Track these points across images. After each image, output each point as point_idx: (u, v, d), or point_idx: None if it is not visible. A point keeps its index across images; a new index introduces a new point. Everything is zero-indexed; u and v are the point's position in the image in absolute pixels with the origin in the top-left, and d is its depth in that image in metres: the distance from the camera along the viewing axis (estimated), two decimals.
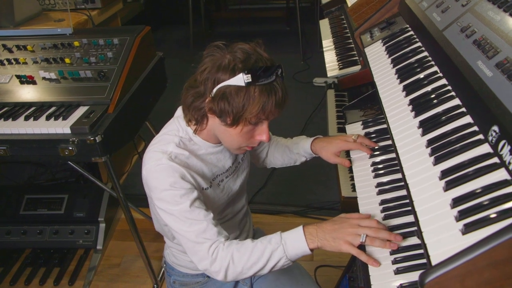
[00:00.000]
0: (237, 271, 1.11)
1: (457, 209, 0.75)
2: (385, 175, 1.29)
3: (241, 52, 1.08)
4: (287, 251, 1.09)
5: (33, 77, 1.80)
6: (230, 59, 1.07)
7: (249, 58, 1.08)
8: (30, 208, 2.47)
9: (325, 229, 1.10)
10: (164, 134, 1.25)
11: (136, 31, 1.97)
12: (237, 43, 1.11)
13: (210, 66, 1.10)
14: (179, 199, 1.12)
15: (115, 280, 2.30)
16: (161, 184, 1.14)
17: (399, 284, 0.99)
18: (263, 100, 1.07)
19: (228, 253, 1.10)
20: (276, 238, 1.12)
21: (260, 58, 1.09)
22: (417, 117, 1.03)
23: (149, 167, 1.17)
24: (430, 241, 0.75)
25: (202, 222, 1.13)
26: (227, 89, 1.07)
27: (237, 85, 1.06)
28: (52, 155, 1.58)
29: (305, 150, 1.49)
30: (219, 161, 1.28)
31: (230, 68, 1.06)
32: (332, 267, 2.21)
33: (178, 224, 1.14)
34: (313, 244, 1.09)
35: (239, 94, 1.06)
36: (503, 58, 0.88)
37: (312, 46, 4.74)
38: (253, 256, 1.10)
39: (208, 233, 1.12)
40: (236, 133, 1.14)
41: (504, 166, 0.75)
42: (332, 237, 1.09)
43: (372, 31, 1.61)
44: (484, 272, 0.64)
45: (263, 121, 1.14)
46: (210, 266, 1.12)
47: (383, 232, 1.06)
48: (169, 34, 5.53)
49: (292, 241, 1.10)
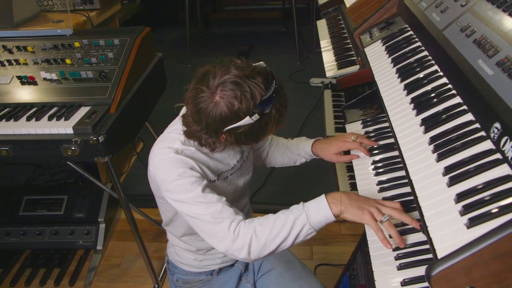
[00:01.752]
0: (260, 244, 1.10)
1: (461, 204, 0.77)
2: (386, 173, 1.31)
3: (231, 90, 1.05)
4: (310, 218, 1.09)
5: (34, 78, 1.81)
6: (226, 103, 1.05)
7: (242, 92, 1.04)
8: (29, 209, 2.46)
9: (351, 196, 1.12)
10: (169, 133, 1.26)
11: (136, 32, 1.98)
12: (218, 74, 1.07)
13: (212, 114, 1.07)
14: (190, 187, 1.13)
15: (116, 280, 2.30)
16: (170, 176, 1.15)
17: (402, 280, 1.01)
18: (276, 119, 1.11)
19: (251, 228, 1.10)
20: (298, 207, 1.13)
21: (253, 87, 1.05)
22: (419, 115, 1.05)
23: (156, 163, 1.18)
24: (435, 235, 0.77)
25: (217, 203, 1.13)
26: (240, 128, 1.08)
27: (247, 124, 1.07)
28: (54, 155, 1.58)
29: (305, 152, 1.51)
30: (224, 158, 1.29)
31: (233, 112, 1.05)
32: (332, 266, 2.23)
33: (193, 209, 1.14)
34: (336, 208, 1.09)
35: (253, 128, 1.09)
36: (503, 57, 0.90)
37: (309, 46, 4.76)
38: (276, 226, 1.09)
39: (225, 212, 1.13)
40: (257, 142, 1.21)
41: (506, 162, 0.77)
42: (357, 205, 1.09)
43: (372, 31, 1.63)
44: (490, 264, 0.66)
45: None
46: (233, 244, 1.10)
47: (405, 216, 1.07)
48: (165, 35, 5.53)
49: (314, 207, 1.11)
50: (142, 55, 1.97)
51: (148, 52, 2.09)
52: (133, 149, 3.03)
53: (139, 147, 3.08)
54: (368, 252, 1.10)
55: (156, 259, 2.33)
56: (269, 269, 1.49)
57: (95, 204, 2.46)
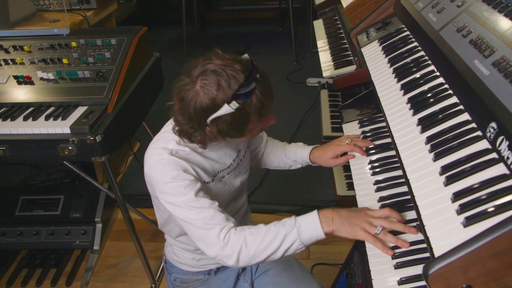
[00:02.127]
0: (250, 254, 1.10)
1: (458, 203, 0.77)
2: (382, 173, 1.31)
3: (210, 78, 1.04)
4: (301, 234, 1.09)
5: (31, 78, 1.80)
6: (206, 91, 1.04)
7: (221, 81, 1.04)
8: (25, 209, 2.46)
9: (341, 214, 1.11)
10: (164, 132, 1.26)
11: (134, 32, 1.98)
12: (200, 64, 1.07)
13: (192, 103, 1.07)
14: (183, 190, 1.13)
15: (113, 280, 2.30)
16: (164, 178, 1.15)
17: (399, 278, 1.02)
18: (258, 108, 1.07)
19: (241, 237, 1.10)
20: (290, 221, 1.12)
21: (231, 75, 1.04)
22: (415, 115, 1.06)
23: (151, 163, 1.18)
24: (432, 234, 0.77)
25: (208, 209, 1.13)
26: (221, 118, 1.07)
27: (228, 113, 1.05)
28: (51, 155, 1.58)
29: (303, 159, 1.52)
30: (220, 157, 1.29)
31: (211, 100, 1.04)
32: (329, 265, 2.23)
33: (185, 213, 1.14)
34: (328, 228, 1.09)
35: (234, 118, 1.06)
36: (499, 57, 0.91)
37: (305, 46, 4.77)
38: (267, 239, 1.09)
39: (216, 218, 1.13)
40: (245, 136, 1.17)
41: (502, 161, 0.78)
42: (349, 223, 1.09)
43: (368, 31, 1.64)
44: (486, 262, 0.67)
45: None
46: (222, 251, 1.11)
47: (398, 224, 1.08)
48: (162, 35, 5.53)
49: (306, 224, 1.11)
50: (139, 55, 1.97)
51: (145, 52, 2.09)
52: (129, 149, 3.02)
53: (135, 147, 3.08)
54: (365, 251, 1.11)
55: (153, 259, 2.33)
56: (267, 269, 1.50)
57: (91, 204, 2.46)
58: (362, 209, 1.15)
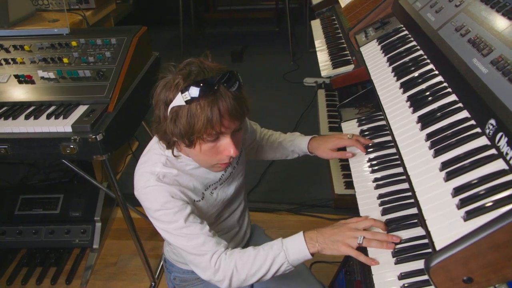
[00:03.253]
0: (241, 278, 1.14)
1: (458, 198, 0.79)
2: (381, 170, 1.33)
3: (185, 69, 1.06)
4: (289, 256, 1.13)
5: (32, 77, 1.81)
6: (175, 79, 1.04)
7: (190, 75, 1.03)
8: (25, 208, 2.46)
9: (325, 233, 1.14)
10: (151, 151, 1.24)
11: (133, 31, 1.99)
12: (186, 60, 1.09)
13: (159, 87, 1.08)
14: (173, 217, 1.14)
15: (112, 278, 2.31)
16: (153, 205, 1.15)
17: (399, 273, 1.04)
18: (206, 114, 1.01)
19: (231, 262, 1.14)
20: (277, 244, 1.15)
21: (201, 72, 1.04)
22: (415, 113, 1.08)
23: (139, 189, 1.18)
24: (433, 228, 0.79)
25: (199, 236, 1.15)
26: (174, 110, 1.05)
27: (179, 104, 1.03)
28: (53, 153, 1.59)
29: (300, 149, 1.53)
30: (209, 172, 1.26)
31: (173, 86, 1.04)
32: (327, 263, 2.25)
33: (176, 240, 1.16)
34: (313, 249, 1.13)
35: (182, 113, 1.03)
36: (497, 56, 0.93)
37: (302, 46, 4.79)
38: (256, 263, 1.13)
39: (206, 245, 1.15)
40: (198, 153, 1.12)
41: (501, 157, 0.80)
42: (331, 241, 1.13)
43: (367, 31, 1.66)
44: (486, 255, 0.69)
45: (223, 135, 1.09)
46: (214, 276, 1.15)
47: (380, 234, 1.11)
48: (158, 35, 5.53)
49: (293, 246, 1.14)
50: (139, 54, 1.98)
51: (145, 51, 2.10)
52: (127, 149, 3.03)
53: (133, 146, 3.09)
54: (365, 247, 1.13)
55: (152, 257, 2.34)
56: None
57: (91, 203, 2.46)
58: (345, 222, 1.17)
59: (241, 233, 1.53)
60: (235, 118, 1.05)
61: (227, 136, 1.09)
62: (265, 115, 2.91)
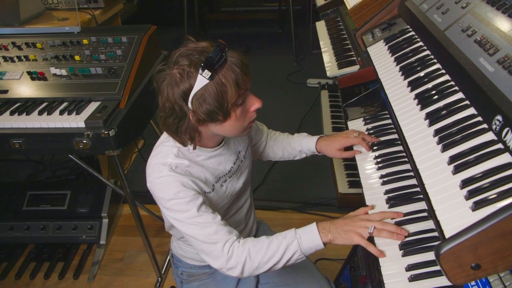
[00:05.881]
0: (253, 266, 1.16)
1: (466, 189, 0.83)
2: (387, 167, 1.37)
3: (182, 59, 1.09)
4: (302, 245, 1.16)
5: (44, 74, 1.85)
6: (180, 72, 1.08)
7: (192, 57, 1.08)
8: (33, 204, 2.50)
9: (337, 223, 1.18)
10: (162, 144, 1.27)
11: (144, 30, 2.02)
12: (173, 55, 1.12)
13: (169, 88, 1.11)
14: (186, 206, 1.17)
15: (119, 274, 2.35)
16: (166, 195, 1.18)
17: (407, 265, 1.07)
18: (232, 78, 1.09)
19: (245, 250, 1.16)
20: (291, 233, 1.18)
21: (200, 51, 1.09)
22: (423, 110, 1.11)
23: (152, 180, 1.21)
24: (442, 218, 0.82)
25: (212, 225, 1.17)
26: (198, 94, 1.09)
27: (203, 85, 1.08)
28: (66, 148, 1.62)
29: (308, 149, 1.56)
30: (220, 163, 1.31)
31: (185, 77, 1.08)
32: (331, 260, 2.28)
33: (189, 228, 1.19)
34: (326, 238, 1.16)
35: (211, 90, 1.08)
36: (503, 55, 0.96)
37: (305, 48, 4.83)
38: (270, 251, 1.15)
39: (219, 233, 1.17)
40: (234, 121, 1.17)
41: (508, 151, 0.83)
42: (344, 230, 1.16)
43: (374, 32, 1.70)
44: (494, 242, 0.72)
45: (246, 95, 1.16)
46: (226, 264, 1.17)
47: (390, 225, 1.15)
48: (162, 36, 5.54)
49: (306, 235, 1.17)
50: (149, 52, 2.01)
51: (155, 49, 2.14)
52: (134, 147, 3.07)
53: (139, 144, 3.13)
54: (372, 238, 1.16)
55: (158, 253, 2.37)
56: None
57: (98, 200, 2.50)
58: (355, 214, 1.21)
59: (247, 229, 1.56)
60: (249, 73, 1.14)
61: (249, 93, 1.18)
62: (268, 115, 2.92)
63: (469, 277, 0.78)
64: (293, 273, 1.55)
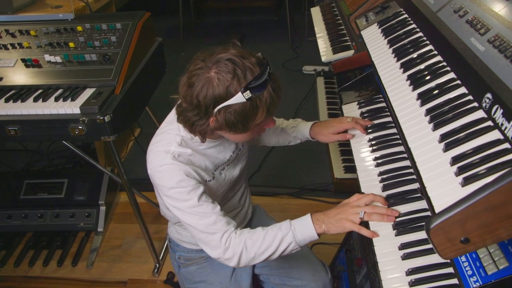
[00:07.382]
0: (250, 256, 1.19)
1: (456, 166, 0.84)
2: (381, 149, 1.39)
3: (226, 66, 1.08)
4: (296, 236, 1.18)
5: (38, 61, 1.84)
6: (220, 78, 1.07)
7: (237, 70, 1.07)
8: (30, 192, 2.51)
9: (330, 214, 1.20)
10: (165, 132, 1.28)
11: (138, 17, 2.02)
12: (216, 52, 1.11)
13: (204, 87, 1.09)
14: (187, 196, 1.18)
15: (117, 260, 2.37)
16: (168, 183, 1.19)
17: (400, 244, 1.10)
18: (267, 103, 1.11)
19: (241, 241, 1.18)
20: (286, 225, 1.20)
21: (247, 66, 1.08)
22: (415, 90, 1.12)
23: (153, 167, 1.22)
24: (433, 194, 0.84)
25: (211, 215, 1.19)
26: (230, 107, 1.09)
27: (239, 102, 1.09)
28: (62, 134, 1.63)
29: (303, 135, 1.58)
30: (219, 152, 1.33)
31: (225, 88, 1.07)
32: (327, 244, 2.30)
33: (189, 218, 1.20)
34: (320, 229, 1.18)
35: (244, 109, 1.10)
36: (494, 34, 0.97)
37: (300, 35, 4.82)
38: (265, 242, 1.18)
39: (218, 224, 1.19)
40: (248, 135, 1.21)
41: (497, 128, 0.84)
42: (336, 220, 1.19)
43: (367, 15, 1.70)
44: (482, 216, 0.73)
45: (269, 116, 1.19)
46: (224, 254, 1.19)
47: (380, 208, 1.18)
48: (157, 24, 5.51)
49: (300, 226, 1.19)
50: (143, 39, 2.01)
51: (149, 36, 2.14)
52: (130, 135, 3.07)
53: (136, 132, 3.13)
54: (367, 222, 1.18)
55: (155, 239, 2.39)
56: None
57: (95, 187, 2.51)
58: (347, 201, 1.24)
59: (242, 213, 1.58)
60: (281, 97, 1.16)
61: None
62: None
63: (459, 251, 0.79)
64: (288, 257, 1.56)
